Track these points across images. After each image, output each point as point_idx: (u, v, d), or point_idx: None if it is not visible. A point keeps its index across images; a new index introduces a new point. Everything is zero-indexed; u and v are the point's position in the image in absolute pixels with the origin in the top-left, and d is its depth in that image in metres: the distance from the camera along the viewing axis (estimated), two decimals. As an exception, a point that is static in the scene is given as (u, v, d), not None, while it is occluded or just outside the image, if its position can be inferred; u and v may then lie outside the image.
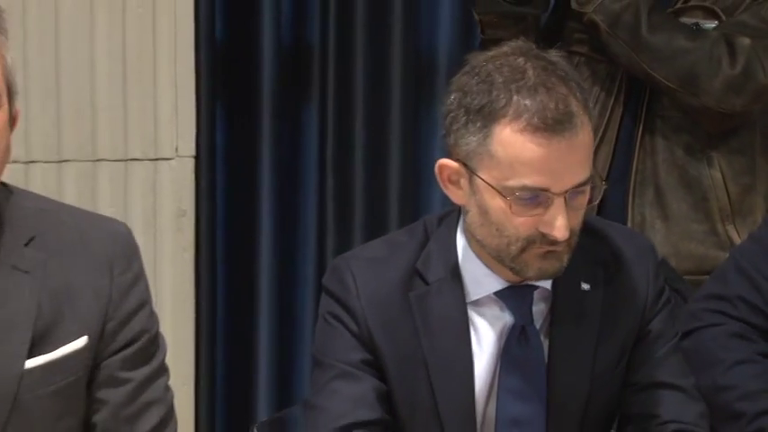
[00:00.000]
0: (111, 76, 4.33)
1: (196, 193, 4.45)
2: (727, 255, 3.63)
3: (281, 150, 4.83)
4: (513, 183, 2.67)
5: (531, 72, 2.69)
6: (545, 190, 2.67)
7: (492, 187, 2.69)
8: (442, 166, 2.80)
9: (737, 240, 3.86)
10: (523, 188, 2.66)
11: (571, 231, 2.74)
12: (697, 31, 3.81)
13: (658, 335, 3.00)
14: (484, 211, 2.74)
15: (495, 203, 2.70)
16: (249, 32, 4.81)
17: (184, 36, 4.40)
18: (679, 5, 3.88)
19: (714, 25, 3.83)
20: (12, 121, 2.65)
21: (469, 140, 2.70)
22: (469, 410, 2.87)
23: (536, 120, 2.64)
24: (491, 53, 2.79)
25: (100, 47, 4.35)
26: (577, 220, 2.77)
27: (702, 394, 3.01)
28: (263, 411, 4.79)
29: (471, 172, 2.73)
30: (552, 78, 2.70)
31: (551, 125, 2.64)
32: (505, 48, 2.80)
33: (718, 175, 3.86)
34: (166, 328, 4.10)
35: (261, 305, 4.79)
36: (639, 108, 3.92)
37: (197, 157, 4.47)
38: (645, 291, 2.99)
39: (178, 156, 4.38)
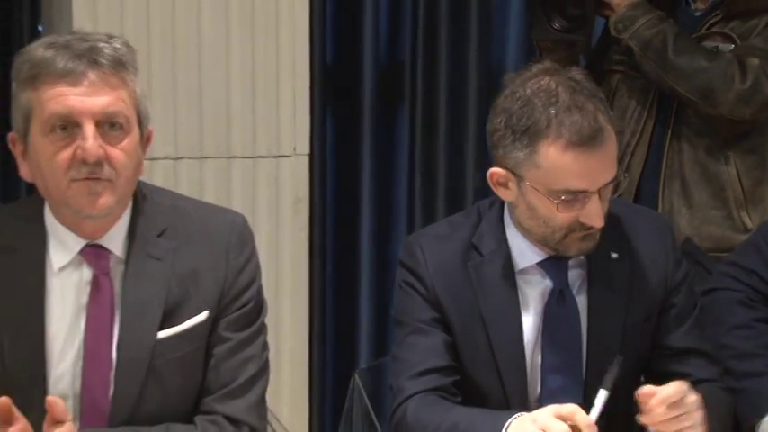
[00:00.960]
0: (243, 89, 4.38)
1: (310, 183, 4.49)
2: (741, 236, 3.79)
3: (378, 149, 4.92)
4: (557, 187, 2.80)
5: (563, 94, 2.81)
6: (584, 191, 2.81)
7: (539, 191, 2.83)
8: (492, 173, 2.92)
9: (750, 224, 3.90)
10: (567, 191, 2.80)
11: (603, 217, 2.89)
12: (715, 53, 3.83)
13: (683, 307, 3.08)
14: (532, 208, 2.87)
15: (542, 203, 2.84)
16: (353, 52, 4.87)
17: (301, 56, 4.41)
18: (703, 32, 3.89)
19: (731, 48, 3.84)
20: (145, 141, 2.81)
21: (517, 155, 2.83)
22: (520, 359, 2.96)
23: (574, 138, 2.77)
24: (524, 75, 2.92)
25: (235, 65, 4.37)
26: (606, 207, 2.90)
27: None
28: (363, 359, 4.84)
29: (519, 178, 2.85)
30: (580, 97, 2.82)
31: (586, 141, 2.78)
32: (534, 69, 2.93)
33: (733, 170, 3.90)
34: (286, 289, 4.33)
35: (362, 273, 4.88)
36: (668, 117, 3.94)
37: (311, 155, 4.50)
38: (665, 259, 3.07)
39: (296, 154, 4.42)
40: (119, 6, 4.20)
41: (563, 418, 2.54)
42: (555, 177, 2.82)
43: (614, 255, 3.01)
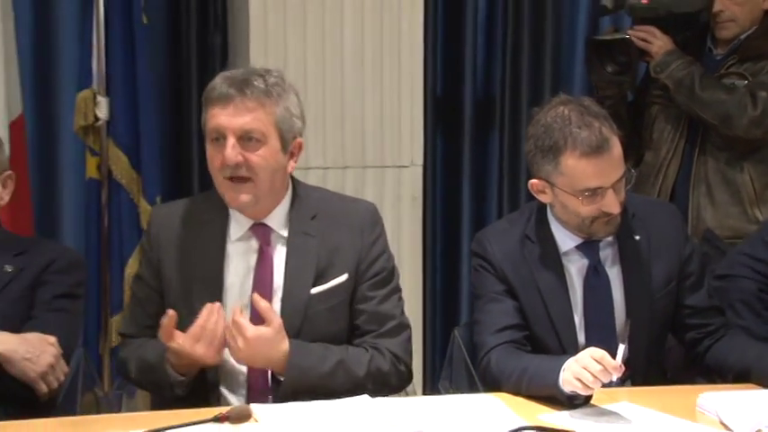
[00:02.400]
0: (374, 115, 4.35)
1: (423, 186, 4.47)
2: (753, 227, 3.79)
3: (474, 161, 4.97)
4: (579, 188, 2.86)
5: (573, 117, 2.85)
6: (600, 187, 2.86)
7: (567, 192, 2.89)
8: (532, 184, 3.00)
9: (761, 217, 3.91)
10: (587, 189, 2.86)
11: (621, 206, 2.93)
12: (732, 88, 3.85)
13: (699, 275, 3.12)
14: (564, 206, 2.94)
15: (571, 201, 2.89)
16: (456, 88, 4.91)
17: (418, 91, 4.42)
18: (722, 72, 3.91)
19: (745, 83, 3.85)
20: (291, 150, 2.91)
21: (547, 168, 2.90)
22: (569, 318, 3.03)
23: (586, 149, 2.82)
24: (545, 107, 2.96)
25: (368, 97, 4.35)
26: (622, 197, 2.92)
27: None
28: (463, 317, 4.85)
29: (551, 185, 2.92)
30: (588, 117, 2.86)
31: (596, 149, 2.82)
32: (552, 101, 2.97)
33: (747, 177, 3.92)
34: (405, 263, 4.31)
35: (462, 252, 4.92)
36: (696, 137, 3.97)
37: (424, 165, 4.50)
38: (676, 237, 3.11)
39: (413, 164, 4.42)
40: (283, 48, 4.23)
41: (596, 360, 2.56)
42: (576, 180, 2.87)
43: (637, 237, 3.05)
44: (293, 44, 4.25)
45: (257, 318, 2.78)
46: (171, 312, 2.72)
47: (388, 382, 2.89)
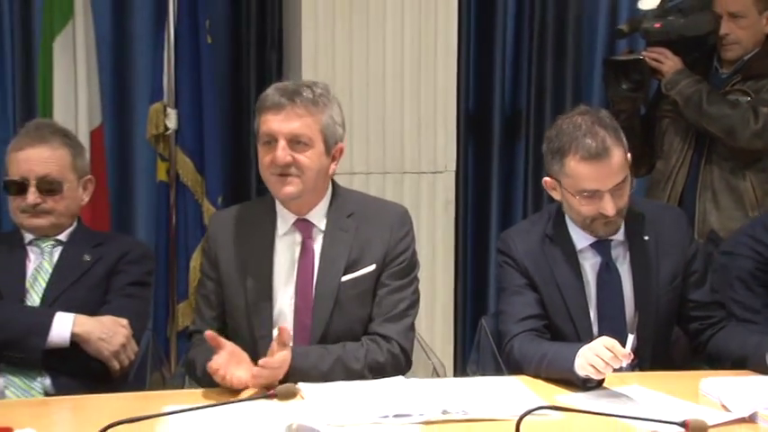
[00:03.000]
0: (412, 127, 4.31)
1: (456, 190, 4.44)
2: None
3: (502, 168, 4.95)
4: (579, 188, 2.89)
5: (583, 126, 2.89)
6: (597, 190, 2.87)
7: (569, 192, 2.93)
8: (545, 181, 3.04)
9: None
10: (585, 191, 2.89)
11: (618, 210, 2.92)
12: (736, 104, 3.83)
13: (702, 273, 3.11)
14: (569, 204, 2.98)
15: (572, 200, 2.93)
16: (486, 104, 4.89)
17: (452, 106, 4.36)
18: (727, 89, 3.89)
19: (747, 99, 3.83)
20: (333, 153, 2.93)
21: (556, 167, 2.95)
22: (585, 310, 3.03)
23: (586, 154, 2.85)
24: (566, 115, 3.01)
25: (407, 111, 4.32)
26: (623, 202, 2.93)
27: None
28: (490, 308, 4.79)
29: (559, 184, 2.97)
30: (596, 126, 2.89)
31: (594, 155, 2.85)
32: (575, 110, 3.01)
33: (749, 185, 3.90)
34: (439, 259, 4.33)
35: (490, 249, 4.87)
36: (703, 148, 3.94)
37: (457, 171, 4.45)
38: (682, 239, 3.10)
39: (446, 170, 4.37)
40: (331, 65, 4.22)
41: (608, 348, 2.57)
42: (576, 182, 2.90)
43: (646, 237, 3.05)
44: (340, 62, 4.25)
45: (299, 327, 2.90)
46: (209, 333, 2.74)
47: (385, 371, 2.87)
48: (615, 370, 2.61)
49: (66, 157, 3.14)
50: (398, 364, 2.91)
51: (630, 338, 2.64)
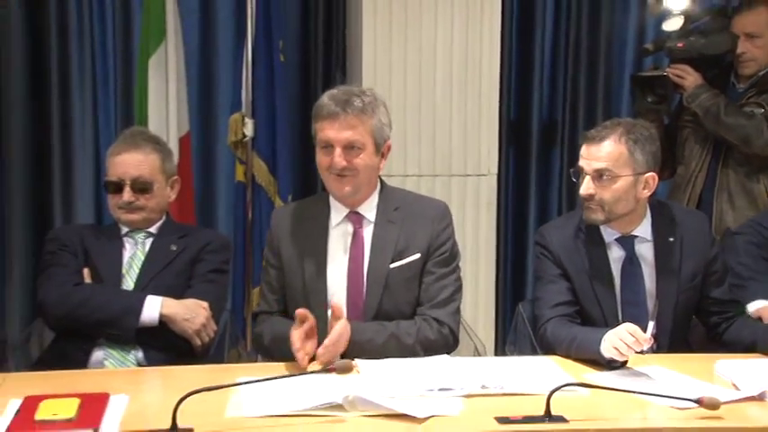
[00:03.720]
0: (459, 134, 4.28)
1: (497, 192, 4.42)
2: None
3: (539, 172, 4.93)
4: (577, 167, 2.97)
5: (608, 124, 2.98)
6: (582, 169, 2.94)
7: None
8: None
9: None
10: (576, 168, 2.98)
11: (601, 198, 2.91)
12: (751, 115, 3.79)
13: (721, 274, 3.09)
14: None
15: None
16: (526, 112, 4.86)
17: (494, 115, 4.33)
18: (743, 101, 3.85)
19: (762, 111, 3.79)
20: (382, 153, 2.93)
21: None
22: (612, 298, 2.99)
23: (584, 137, 2.97)
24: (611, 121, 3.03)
25: (455, 119, 4.29)
26: (606, 193, 2.91)
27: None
28: (528, 294, 4.77)
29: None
30: (614, 125, 2.94)
31: (587, 139, 2.95)
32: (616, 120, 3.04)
33: (762, 187, 3.86)
34: (482, 253, 4.31)
35: (528, 244, 4.84)
36: (720, 154, 3.91)
37: (498, 175, 4.41)
38: (703, 241, 3.06)
39: (489, 174, 4.35)
40: (388, 81, 4.22)
41: (630, 333, 2.55)
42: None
43: (671, 239, 3.02)
44: (396, 77, 4.26)
45: (352, 308, 2.90)
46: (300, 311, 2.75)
47: (435, 349, 2.86)
48: (637, 352, 2.58)
49: (156, 161, 3.18)
50: (448, 343, 2.91)
51: (651, 325, 2.62)
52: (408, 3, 4.23)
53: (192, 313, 3.02)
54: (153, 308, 2.99)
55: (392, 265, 2.93)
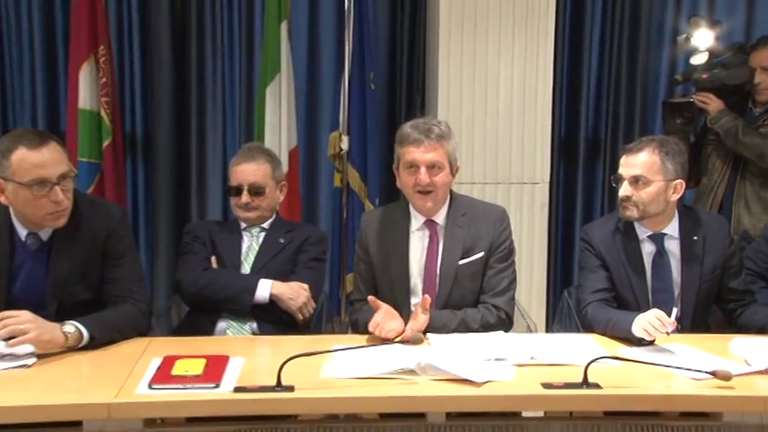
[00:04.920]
0: (517, 148, 4.23)
1: (549, 196, 4.34)
2: None
3: (585, 181, 4.80)
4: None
5: (644, 140, 2.96)
6: (621, 176, 2.92)
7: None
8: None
9: None
10: (617, 175, 2.95)
11: (637, 199, 2.88)
12: (766, 135, 3.74)
13: (738, 268, 3.04)
14: None
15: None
16: (574, 129, 4.74)
17: (547, 132, 4.25)
18: (759, 124, 3.78)
19: None
20: (454, 172, 2.93)
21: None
22: (643, 285, 2.95)
23: (625, 149, 2.95)
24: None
25: (515, 135, 4.24)
26: (640, 195, 2.87)
27: None
28: (573, 282, 4.48)
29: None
30: (649, 140, 2.92)
31: (628, 150, 2.93)
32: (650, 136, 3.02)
33: None
34: (536, 249, 4.27)
35: (575, 240, 4.69)
36: (738, 168, 3.85)
37: (550, 182, 4.33)
38: (723, 240, 3.00)
39: (542, 182, 4.28)
40: (459, 106, 4.19)
41: (657, 317, 2.54)
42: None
43: (695, 237, 2.98)
44: (466, 103, 4.24)
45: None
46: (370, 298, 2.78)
47: (494, 330, 2.86)
48: (662, 333, 2.56)
49: (268, 169, 3.23)
50: (504, 325, 2.91)
51: (675, 311, 2.60)
52: (477, 41, 4.20)
53: (295, 294, 3.06)
54: (264, 288, 3.05)
55: (461, 262, 2.92)
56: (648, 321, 2.56)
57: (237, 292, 3.04)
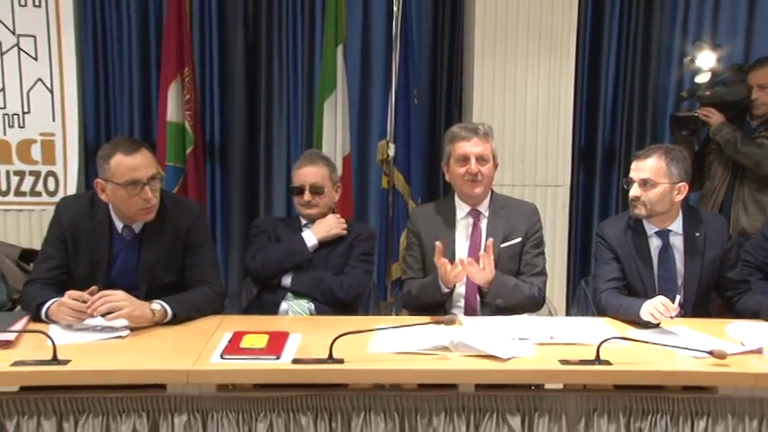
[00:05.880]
0: (542, 155, 4.22)
1: (570, 198, 4.32)
2: None
3: (602, 185, 4.74)
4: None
5: (652, 147, 2.91)
6: (631, 179, 2.88)
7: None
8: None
9: None
10: (628, 177, 2.90)
11: (645, 199, 2.83)
12: (761, 145, 3.67)
13: (735, 260, 2.99)
14: None
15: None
16: (592, 139, 4.69)
17: (568, 141, 4.24)
18: (755, 135, 3.72)
19: None
20: (495, 166, 2.95)
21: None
22: (650, 275, 2.90)
23: (635, 155, 2.91)
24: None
25: (540, 145, 4.23)
26: (650, 195, 2.83)
27: None
28: (590, 271, 4.45)
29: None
30: (656, 148, 2.89)
31: (636, 156, 2.90)
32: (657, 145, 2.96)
33: None
34: (558, 242, 4.22)
35: (591, 234, 4.62)
36: (737, 173, 3.79)
37: (571, 185, 4.32)
38: (721, 236, 2.96)
39: (564, 185, 4.27)
40: (491, 114, 4.17)
41: (662, 303, 2.53)
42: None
43: (697, 233, 2.93)
44: (497, 115, 4.22)
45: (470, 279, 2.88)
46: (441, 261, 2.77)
47: (533, 301, 2.90)
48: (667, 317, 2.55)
49: (326, 172, 3.23)
50: (540, 300, 2.94)
51: (678, 298, 2.57)
52: (507, 62, 4.18)
53: (332, 225, 3.14)
54: (310, 237, 3.11)
55: (502, 246, 2.93)
56: (654, 307, 2.55)
57: (287, 255, 3.07)
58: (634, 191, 2.88)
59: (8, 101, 3.87)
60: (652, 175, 2.85)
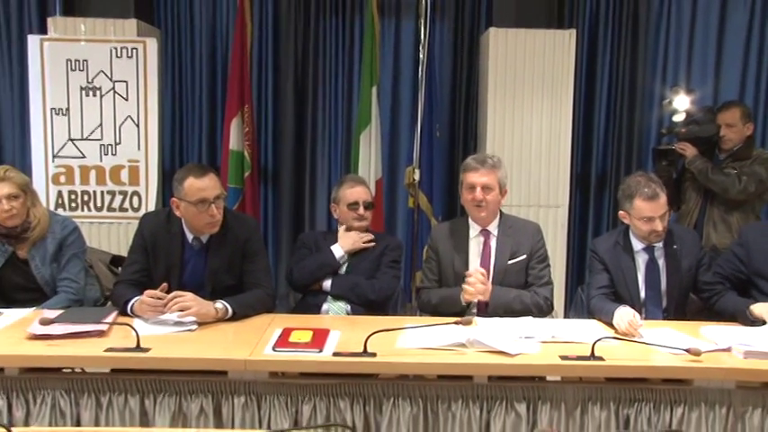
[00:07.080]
0: (543, 178, 4.10)
1: (568, 218, 4.24)
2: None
3: (595, 206, 4.67)
4: (641, 216, 2.77)
5: (642, 180, 2.78)
6: (652, 217, 2.75)
7: (635, 218, 2.79)
8: (621, 214, 2.85)
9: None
10: (644, 217, 2.76)
11: (663, 228, 2.77)
12: (728, 174, 3.64)
13: (708, 266, 2.92)
14: (635, 225, 2.82)
15: (637, 223, 2.80)
16: (587, 165, 4.62)
17: (567, 167, 4.16)
18: (723, 166, 3.68)
19: (735, 172, 3.64)
20: (503, 194, 2.84)
21: (627, 205, 2.81)
22: (636, 285, 2.86)
23: (645, 196, 2.74)
24: (632, 175, 2.86)
25: (542, 170, 4.13)
26: (665, 224, 2.77)
27: None
28: (585, 279, 4.49)
29: (629, 214, 2.81)
30: (650, 182, 2.78)
31: (651, 197, 2.74)
32: (635, 174, 2.87)
33: (734, 219, 3.70)
34: (557, 254, 4.11)
35: (586, 248, 4.52)
36: (708, 198, 3.75)
37: (569, 206, 4.23)
38: (696, 249, 2.90)
39: (562, 206, 4.18)
40: (501, 144, 4.13)
41: (629, 322, 2.49)
42: (640, 213, 2.77)
43: (675, 246, 2.87)
44: (507, 147, 4.19)
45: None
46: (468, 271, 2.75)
47: (540, 309, 2.83)
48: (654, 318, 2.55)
49: (370, 192, 3.19)
50: (547, 307, 2.86)
51: (664, 301, 2.61)
52: (515, 102, 4.15)
53: (356, 239, 3.06)
54: (338, 250, 3.04)
55: (509, 262, 2.88)
56: (620, 319, 2.54)
57: (319, 266, 3.01)
58: (659, 226, 2.80)
59: (104, 134, 4.03)
60: (665, 210, 2.82)
